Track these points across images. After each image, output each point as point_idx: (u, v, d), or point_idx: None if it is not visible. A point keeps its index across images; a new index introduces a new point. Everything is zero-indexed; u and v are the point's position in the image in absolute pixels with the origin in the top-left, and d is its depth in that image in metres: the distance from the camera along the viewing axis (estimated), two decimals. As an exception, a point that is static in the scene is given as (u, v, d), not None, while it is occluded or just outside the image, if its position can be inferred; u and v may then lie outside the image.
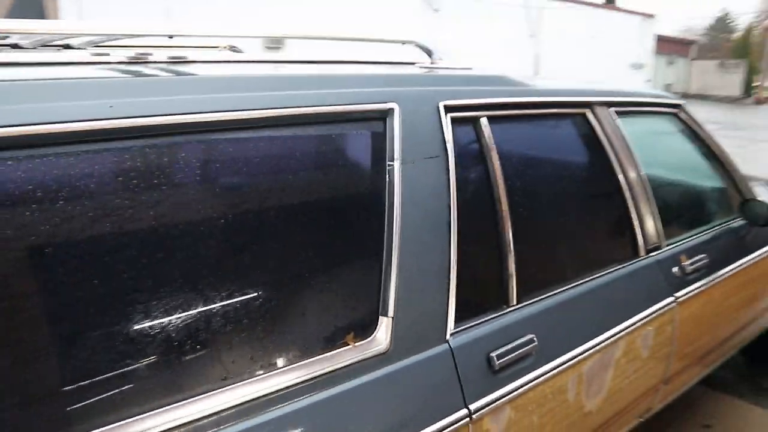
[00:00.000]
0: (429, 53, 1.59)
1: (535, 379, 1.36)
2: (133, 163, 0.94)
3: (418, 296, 1.18)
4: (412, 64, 1.59)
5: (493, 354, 1.28)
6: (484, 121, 1.44)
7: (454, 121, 1.36)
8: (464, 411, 1.20)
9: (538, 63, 25.00)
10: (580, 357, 1.48)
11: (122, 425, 0.86)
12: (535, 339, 1.37)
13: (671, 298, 1.86)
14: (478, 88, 1.48)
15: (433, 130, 1.30)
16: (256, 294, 1.03)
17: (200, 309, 0.97)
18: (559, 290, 1.52)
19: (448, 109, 1.35)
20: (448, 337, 1.23)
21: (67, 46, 1.46)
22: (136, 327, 0.91)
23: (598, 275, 1.65)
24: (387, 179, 1.20)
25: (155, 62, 1.20)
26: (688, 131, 2.33)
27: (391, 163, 1.21)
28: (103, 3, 10.87)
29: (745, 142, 12.36)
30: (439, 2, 20.69)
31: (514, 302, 1.39)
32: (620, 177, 1.83)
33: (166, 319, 0.94)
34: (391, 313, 1.13)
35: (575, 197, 1.78)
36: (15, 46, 1.41)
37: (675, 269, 1.92)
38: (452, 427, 1.17)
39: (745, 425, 2.71)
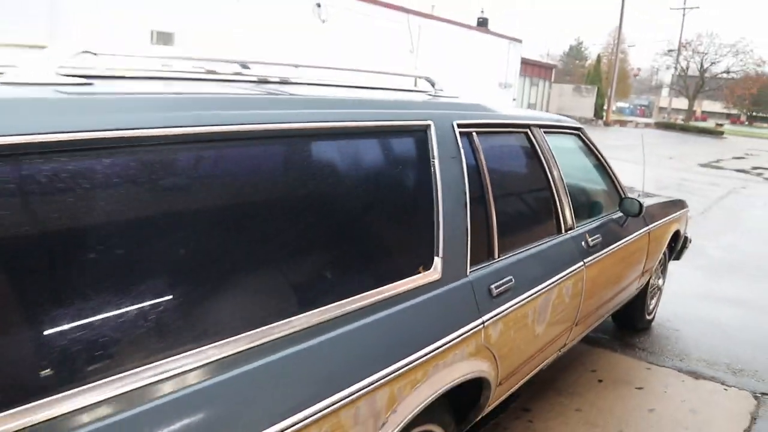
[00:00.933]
0: (433, 84, 2.25)
1: (513, 305, 2.05)
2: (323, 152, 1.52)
3: (453, 246, 1.83)
4: (423, 92, 2.24)
5: (492, 286, 1.96)
6: (474, 134, 2.12)
7: (461, 133, 2.02)
8: (480, 320, 1.87)
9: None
10: (535, 295, 2.21)
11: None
12: (512, 279, 2.07)
13: (582, 263, 2.65)
14: (470, 112, 2.16)
15: (451, 139, 1.96)
16: (374, 242, 1.65)
17: (357, 254, 1.58)
18: (521, 250, 2.23)
19: (459, 125, 2.01)
20: (468, 273, 1.89)
21: None
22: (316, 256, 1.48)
23: (541, 243, 2.39)
24: (432, 171, 1.83)
25: (274, 82, 1.76)
26: (586, 147, 3.18)
27: (433, 160, 1.85)
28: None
29: (600, 158, 14.17)
30: (327, 14, 21.31)
31: (497, 255, 2.08)
32: (549, 177, 2.59)
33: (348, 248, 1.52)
34: (441, 254, 1.77)
35: (527, 188, 2.52)
36: None
37: (583, 243, 2.72)
38: (474, 330, 1.83)
39: (618, 369, 3.63)
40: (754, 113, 60.76)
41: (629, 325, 4.11)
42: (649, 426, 3.03)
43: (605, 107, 37.00)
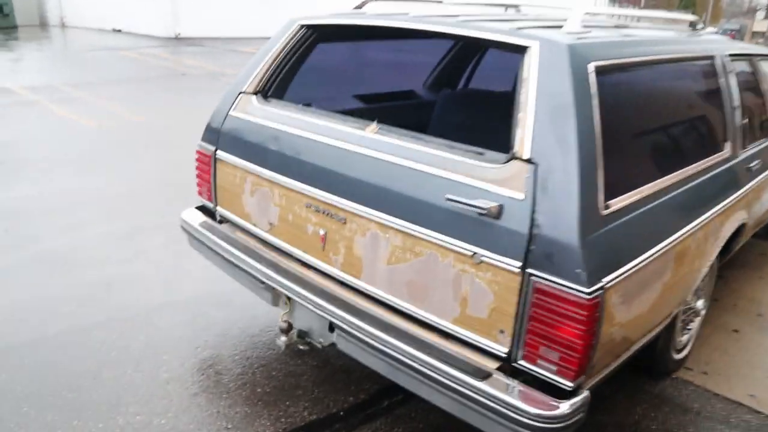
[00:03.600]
0: (694, 24, 3.14)
1: (758, 180, 2.99)
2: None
3: (733, 136, 2.76)
4: (689, 29, 3.14)
5: (750, 165, 2.90)
6: (724, 56, 2.97)
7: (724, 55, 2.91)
8: (748, 185, 2.83)
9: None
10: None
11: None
12: (758, 162, 3.00)
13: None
14: (725, 45, 3.04)
15: (723, 61, 2.85)
16: (705, 131, 2.63)
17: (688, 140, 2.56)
18: (755, 145, 3.12)
19: (727, 55, 2.91)
20: (739, 155, 2.83)
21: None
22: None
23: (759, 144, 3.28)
24: (719, 82, 2.75)
25: (610, 27, 2.71)
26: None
27: (720, 77, 2.76)
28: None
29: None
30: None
31: (745, 146, 2.99)
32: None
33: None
34: (729, 140, 2.72)
35: (756, 100, 3.39)
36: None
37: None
38: (746, 192, 2.79)
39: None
40: None
41: None
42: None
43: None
